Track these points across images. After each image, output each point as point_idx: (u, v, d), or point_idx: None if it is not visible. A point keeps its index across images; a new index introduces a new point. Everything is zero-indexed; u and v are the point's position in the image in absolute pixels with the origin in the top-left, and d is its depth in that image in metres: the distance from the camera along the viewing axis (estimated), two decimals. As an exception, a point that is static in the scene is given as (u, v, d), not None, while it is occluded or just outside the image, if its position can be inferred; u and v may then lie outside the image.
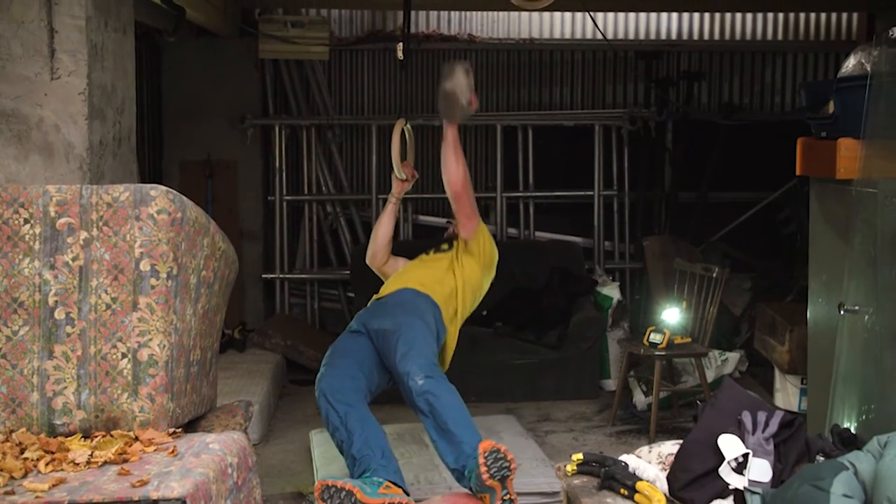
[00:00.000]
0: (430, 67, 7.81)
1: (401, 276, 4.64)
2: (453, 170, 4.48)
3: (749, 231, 7.81)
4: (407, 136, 4.79)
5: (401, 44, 4.51)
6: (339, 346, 4.34)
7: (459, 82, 4.39)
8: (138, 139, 4.37)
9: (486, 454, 3.50)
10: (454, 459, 3.75)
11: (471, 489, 3.67)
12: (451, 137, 4.48)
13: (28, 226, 3.23)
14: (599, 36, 7.44)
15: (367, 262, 4.89)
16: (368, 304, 4.61)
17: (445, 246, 4.75)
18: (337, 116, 7.71)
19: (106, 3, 3.88)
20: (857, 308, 3.82)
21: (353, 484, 3.56)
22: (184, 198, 3.34)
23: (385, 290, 4.57)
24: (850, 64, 4.23)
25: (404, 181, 4.81)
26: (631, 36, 7.89)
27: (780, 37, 7.97)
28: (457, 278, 4.55)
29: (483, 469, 3.48)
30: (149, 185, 3.31)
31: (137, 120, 4.33)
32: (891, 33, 3.89)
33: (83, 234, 3.23)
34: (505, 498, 3.53)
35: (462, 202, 4.54)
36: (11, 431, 3.14)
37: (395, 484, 3.72)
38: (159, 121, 7.45)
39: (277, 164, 7.60)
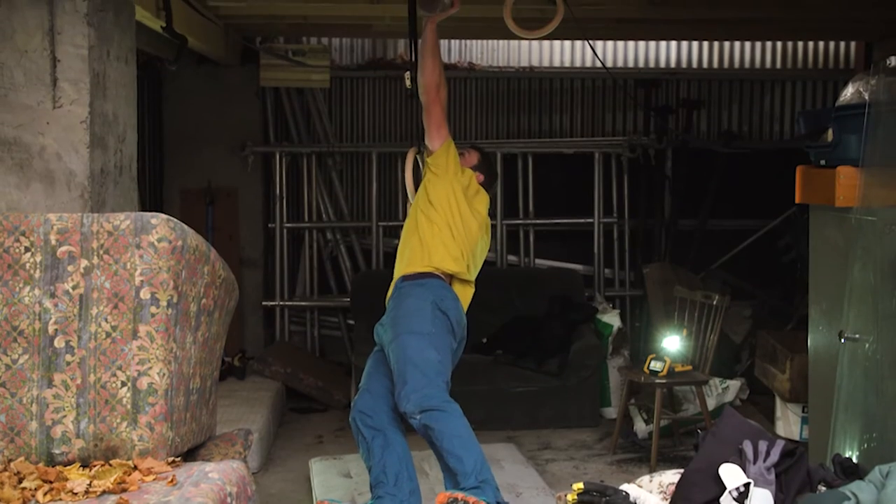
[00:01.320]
0: (430, 95, 7.82)
1: (396, 268, 4.37)
2: (429, 68, 4.34)
3: (749, 259, 7.81)
4: (420, 163, 4.77)
5: (408, 73, 4.51)
6: (370, 366, 4.27)
7: None
8: (139, 167, 4.38)
9: None
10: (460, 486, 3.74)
11: None
12: (430, 35, 4.36)
13: (29, 254, 3.23)
14: (599, 64, 7.46)
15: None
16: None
17: (410, 202, 4.47)
18: (337, 144, 7.73)
19: (108, 33, 3.90)
20: (857, 336, 3.82)
21: None
22: (184, 226, 3.35)
23: (394, 279, 4.33)
24: (848, 92, 4.25)
25: None
26: (630, 64, 7.93)
27: (778, 65, 8.01)
28: (434, 220, 4.25)
29: None
30: (150, 214, 3.32)
31: (139, 147, 4.34)
32: (888, 62, 3.91)
33: (84, 263, 3.23)
34: None
35: (433, 107, 4.36)
36: (10, 460, 3.13)
37: None
38: (160, 148, 7.47)
39: (278, 191, 7.62)
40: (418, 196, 4.39)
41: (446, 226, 4.26)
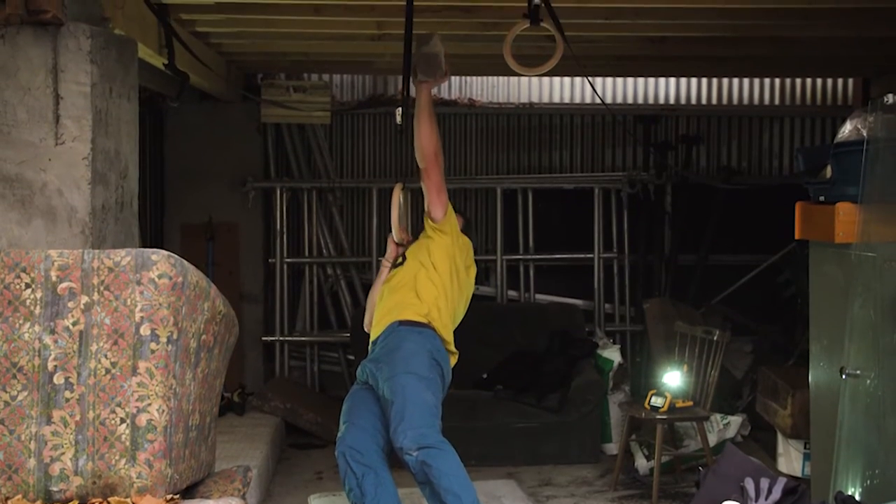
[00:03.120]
0: (430, 131, 7.87)
1: (380, 309, 4.42)
2: (426, 134, 4.34)
3: (749, 294, 7.81)
4: (402, 200, 4.73)
5: (400, 108, 4.54)
6: (355, 400, 4.24)
7: (438, 48, 4.39)
8: (140, 202, 4.39)
9: None
10: None
11: None
12: (425, 99, 4.37)
13: (29, 290, 3.23)
14: (598, 100, 7.51)
15: (366, 329, 4.67)
16: (367, 357, 4.42)
17: (400, 260, 4.51)
18: (338, 179, 7.76)
19: (111, 70, 3.93)
20: (858, 372, 3.81)
21: None
22: (185, 262, 3.35)
23: (374, 332, 4.40)
24: (846, 129, 4.27)
25: (399, 245, 4.66)
26: (629, 100, 7.98)
27: (777, 101, 8.05)
28: (435, 282, 4.32)
29: None
30: (150, 250, 3.32)
31: (140, 183, 4.35)
32: (886, 99, 3.93)
33: (84, 299, 3.24)
34: None
35: (432, 172, 4.35)
36: (7, 498, 3.11)
37: None
38: (161, 184, 7.50)
39: (278, 226, 7.63)
40: (419, 251, 4.42)
41: (443, 292, 4.33)
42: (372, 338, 4.45)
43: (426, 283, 4.32)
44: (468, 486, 3.77)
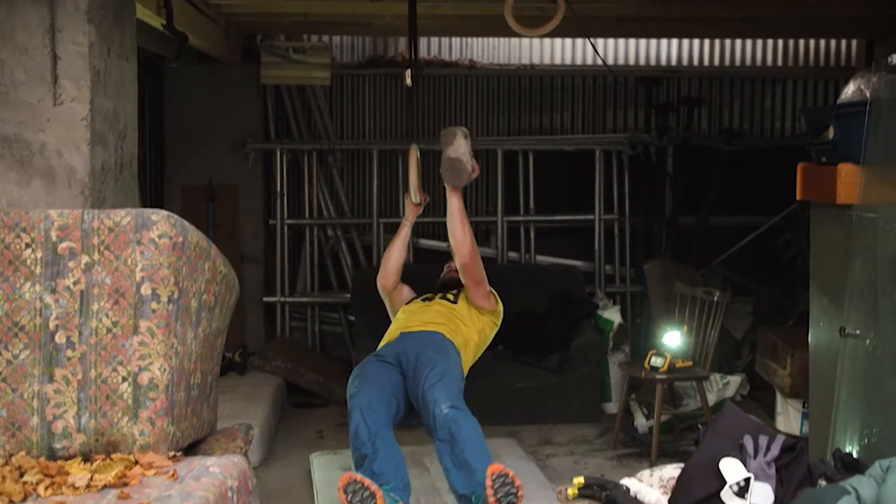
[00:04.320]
0: (430, 93, 7.85)
1: (421, 315, 4.59)
2: (461, 239, 4.49)
3: (750, 255, 7.81)
4: (418, 160, 4.80)
5: (409, 70, 4.52)
6: (369, 369, 4.30)
7: (462, 149, 4.41)
8: (140, 164, 4.39)
9: (493, 476, 3.48)
10: (464, 485, 3.74)
11: None
12: (457, 205, 4.50)
13: (29, 250, 3.24)
14: (600, 62, 7.47)
15: (379, 283, 4.82)
16: (389, 341, 4.53)
17: (451, 297, 4.73)
18: (338, 141, 7.74)
19: (109, 30, 3.91)
20: (858, 332, 3.82)
21: (377, 488, 3.55)
22: (185, 222, 3.35)
23: (411, 327, 4.52)
24: (849, 90, 4.25)
25: (418, 205, 4.81)
26: (631, 62, 7.93)
27: (779, 63, 8.01)
28: (471, 332, 4.57)
29: (490, 492, 3.45)
30: (150, 210, 3.32)
31: (139, 145, 4.34)
32: (890, 60, 3.91)
33: (84, 259, 3.24)
34: None
35: (471, 270, 4.55)
36: (11, 455, 3.13)
37: None
38: (161, 145, 7.48)
39: (279, 188, 7.63)
40: (466, 311, 4.63)
41: (474, 348, 4.60)
42: (403, 330, 4.52)
43: (464, 331, 4.55)
44: (487, 453, 3.81)
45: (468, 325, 4.57)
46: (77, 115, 3.73)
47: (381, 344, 4.56)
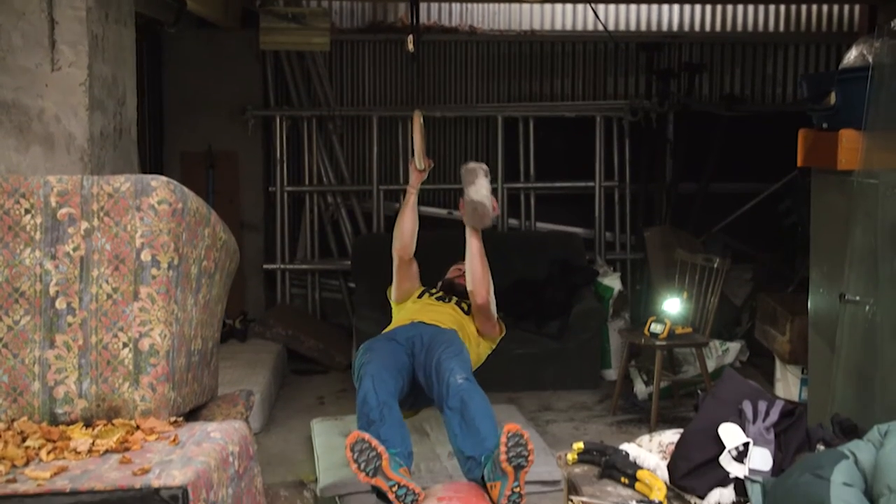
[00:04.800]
0: (431, 59, 7.81)
1: (435, 314, 4.62)
2: (480, 281, 4.51)
3: (750, 222, 7.81)
4: (422, 126, 4.78)
5: (411, 36, 4.47)
6: (380, 345, 4.34)
7: (483, 190, 4.40)
8: (139, 130, 4.37)
9: (510, 434, 3.50)
10: (472, 447, 3.75)
11: (482, 478, 3.66)
12: (477, 246, 4.51)
13: (29, 216, 3.23)
14: (601, 27, 7.42)
15: (397, 253, 4.76)
16: (401, 325, 4.56)
17: (465, 306, 4.77)
18: (338, 108, 7.71)
19: (106, -6, 3.88)
20: (857, 298, 3.83)
21: (384, 449, 3.57)
22: (185, 188, 3.34)
23: (424, 319, 4.55)
24: (851, 55, 4.23)
25: (422, 171, 4.78)
26: (632, 27, 7.88)
27: (781, 28, 7.96)
28: (471, 349, 4.60)
29: (503, 449, 3.47)
30: (150, 176, 3.31)
31: (138, 111, 4.32)
32: (893, 25, 3.88)
33: (84, 225, 3.23)
34: (515, 490, 3.51)
35: (485, 310, 4.60)
36: (13, 420, 3.15)
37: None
38: (160, 112, 7.45)
39: (278, 155, 7.60)
40: (467, 325, 4.68)
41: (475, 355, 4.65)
42: (415, 319, 4.55)
43: (468, 342, 4.60)
44: (496, 426, 3.83)
45: (471, 343, 4.63)
46: (75, 81, 3.71)
47: (391, 327, 4.59)
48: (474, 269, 4.52)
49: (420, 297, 4.83)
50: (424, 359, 4.20)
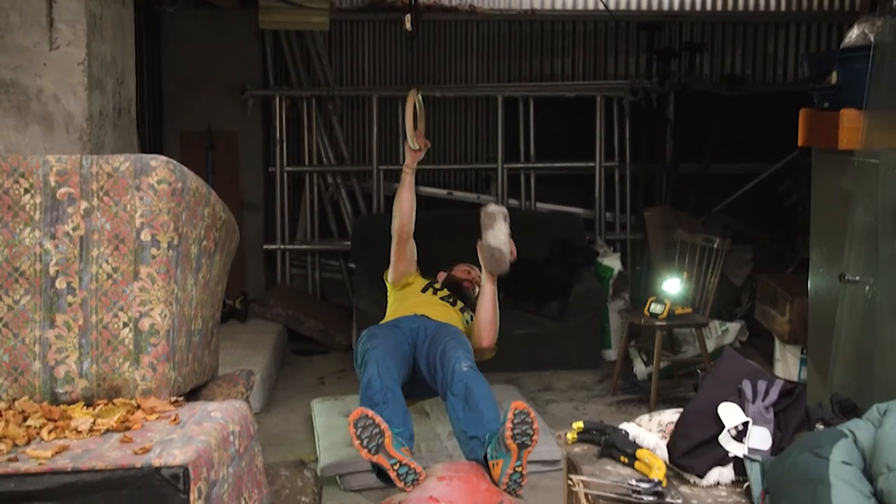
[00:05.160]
0: (430, 39, 7.78)
1: (439, 312, 4.63)
2: (489, 326, 4.51)
3: (750, 202, 7.80)
4: (418, 106, 4.75)
5: (409, 15, 4.45)
6: (385, 332, 4.36)
7: (502, 236, 4.38)
8: (138, 110, 4.36)
9: (517, 411, 3.51)
10: (476, 428, 3.77)
11: (483, 458, 3.67)
12: (491, 291, 4.49)
13: (28, 195, 3.23)
14: (601, 7, 7.39)
15: (395, 231, 4.74)
16: (405, 315, 4.58)
17: (469, 316, 4.78)
18: (337, 88, 7.68)
19: (105, -28, 3.86)
20: (857, 278, 3.82)
21: (387, 427, 3.58)
22: (184, 168, 3.34)
23: (428, 314, 4.57)
24: (853, 34, 4.21)
25: (417, 151, 4.75)
26: (633, 7, 7.84)
27: (782, 7, 7.92)
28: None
29: (509, 426, 3.48)
30: (149, 156, 3.30)
31: (137, 91, 4.31)
32: (894, 3, 3.86)
33: (84, 204, 3.23)
34: (517, 469, 3.52)
35: (488, 353, 4.61)
36: (14, 399, 3.15)
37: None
38: (160, 92, 7.43)
39: (278, 135, 7.59)
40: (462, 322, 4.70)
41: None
42: (419, 312, 4.56)
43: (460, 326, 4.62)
44: (499, 414, 3.85)
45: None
46: (74, 60, 3.70)
47: (393, 314, 4.61)
48: (486, 315, 4.51)
49: (424, 290, 4.83)
50: (428, 349, 4.21)
